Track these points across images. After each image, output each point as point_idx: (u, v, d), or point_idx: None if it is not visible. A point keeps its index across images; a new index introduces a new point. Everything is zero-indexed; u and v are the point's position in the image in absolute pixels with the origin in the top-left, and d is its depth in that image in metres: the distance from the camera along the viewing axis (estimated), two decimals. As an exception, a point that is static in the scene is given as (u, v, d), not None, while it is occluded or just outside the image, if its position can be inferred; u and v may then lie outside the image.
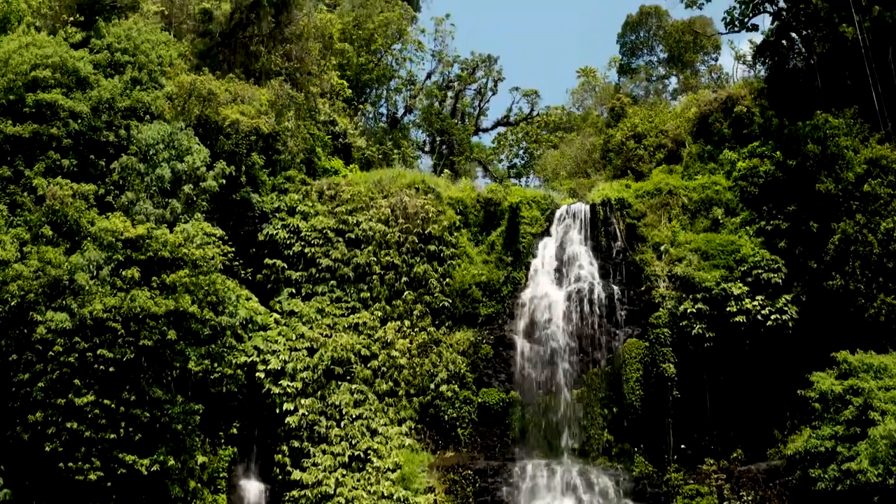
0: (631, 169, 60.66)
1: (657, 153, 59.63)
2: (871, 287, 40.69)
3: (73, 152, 40.81)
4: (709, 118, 55.07)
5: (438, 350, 41.62)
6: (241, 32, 49.05)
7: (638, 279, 43.61)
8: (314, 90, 50.58)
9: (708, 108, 55.89)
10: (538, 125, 77.66)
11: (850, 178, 42.31)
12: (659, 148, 59.74)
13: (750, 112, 52.08)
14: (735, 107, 53.32)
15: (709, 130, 54.92)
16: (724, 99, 55.15)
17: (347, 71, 57.06)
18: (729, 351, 41.40)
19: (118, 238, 36.79)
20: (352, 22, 60.92)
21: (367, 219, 43.90)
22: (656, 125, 61.54)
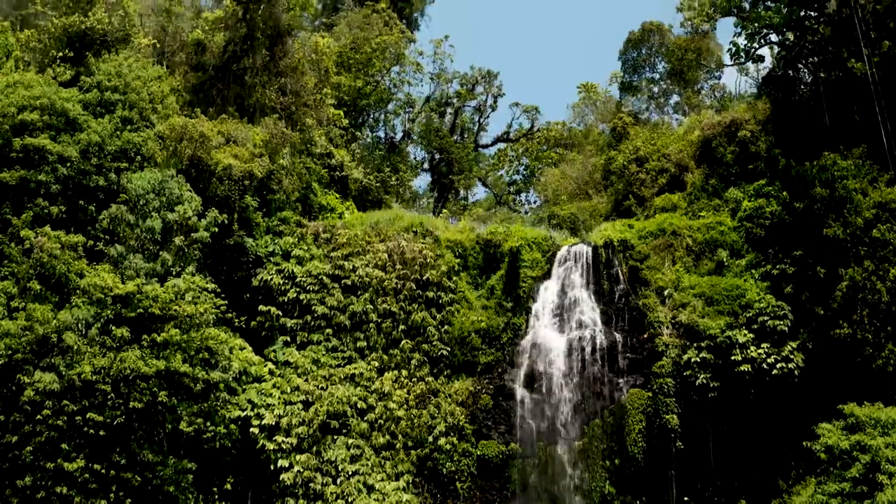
0: (633, 193, 59.97)
1: (660, 178, 58.87)
2: (879, 336, 40.07)
3: (62, 198, 40.47)
4: (712, 142, 54.40)
5: (437, 401, 41.01)
6: (235, 65, 48.43)
7: (641, 325, 42.92)
8: (310, 122, 49.81)
9: (711, 133, 55.17)
10: (538, 141, 76.73)
11: (858, 222, 41.61)
12: (661, 172, 58.95)
13: (754, 136, 51.44)
14: (739, 131, 52.66)
15: (712, 155, 54.24)
16: (727, 123, 54.42)
17: (345, 96, 56.27)
18: (733, 400, 40.82)
19: (107, 294, 36.08)
20: (349, 45, 60.07)
21: (364, 264, 43.22)
22: (658, 148, 60.73)
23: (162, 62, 50.11)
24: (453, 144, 69.44)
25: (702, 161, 55.93)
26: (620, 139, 65.96)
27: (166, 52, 50.54)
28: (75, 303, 36.50)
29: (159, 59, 50.09)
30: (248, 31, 48.24)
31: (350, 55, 59.41)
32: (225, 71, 48.05)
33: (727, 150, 53.29)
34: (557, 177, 69.90)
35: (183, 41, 51.58)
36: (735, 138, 52.93)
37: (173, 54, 50.43)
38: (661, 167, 59.11)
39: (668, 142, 61.27)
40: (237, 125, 44.65)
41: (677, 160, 58.24)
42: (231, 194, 42.25)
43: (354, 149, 57.07)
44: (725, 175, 51.61)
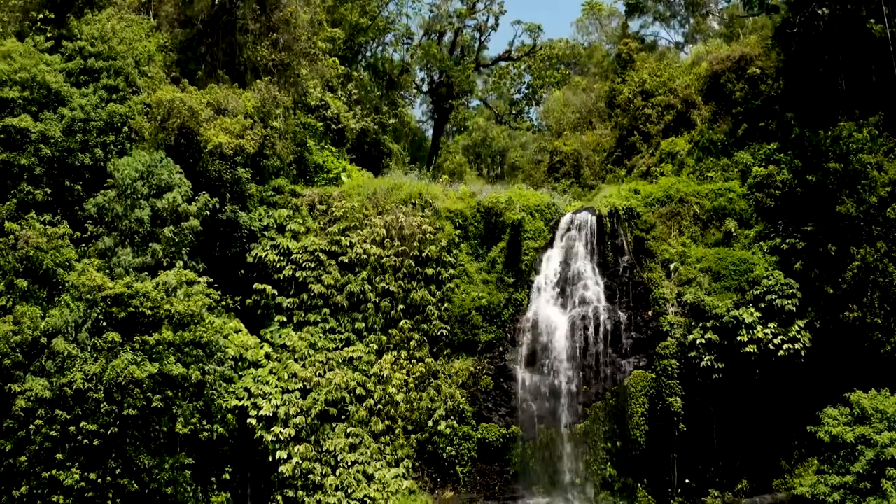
0: (638, 129, 58.63)
1: (666, 114, 57.41)
2: (888, 321, 39.50)
3: (47, 178, 39.15)
4: (720, 78, 52.82)
5: (437, 383, 40.59)
6: (225, 17, 46.01)
7: (646, 301, 42.17)
8: (304, 72, 47.91)
9: (720, 67, 53.69)
10: (541, 59, 74.40)
11: (872, 200, 40.46)
12: (668, 108, 57.47)
13: (764, 74, 49.80)
14: (748, 68, 51.09)
15: (721, 92, 52.86)
16: (737, 58, 52.89)
17: (341, 32, 53.97)
18: (738, 381, 40.38)
19: (97, 295, 35.20)
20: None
21: (361, 240, 42.12)
22: (665, 81, 58.97)
23: (149, 11, 47.84)
24: (453, 68, 67.28)
25: (710, 97, 54.47)
26: (626, 66, 64.04)
27: (152, 9, 48.10)
28: (64, 301, 35.63)
29: (146, 7, 47.79)
30: (238, -19, 45.89)
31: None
32: (214, 26, 45.82)
33: (736, 86, 51.91)
34: (561, 104, 67.96)
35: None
36: (744, 74, 51.37)
37: (159, 8, 47.99)
38: (667, 102, 57.59)
39: (675, 74, 59.51)
40: (227, 92, 42.80)
41: (684, 96, 56.70)
42: (222, 171, 40.81)
43: (350, 89, 55.19)
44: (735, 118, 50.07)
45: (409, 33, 64.50)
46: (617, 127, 61.36)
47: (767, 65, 50.06)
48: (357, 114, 54.58)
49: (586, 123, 65.90)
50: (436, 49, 67.71)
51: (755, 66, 50.79)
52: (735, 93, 52.11)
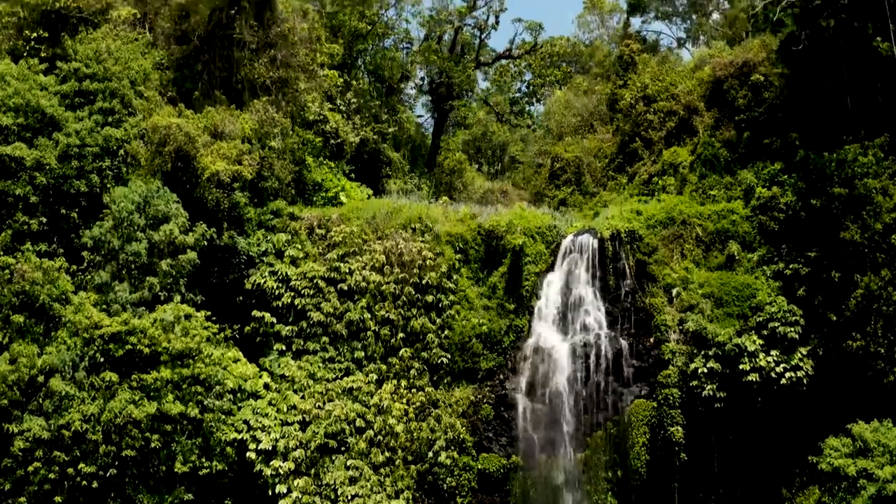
0: (640, 136, 58.26)
1: (668, 121, 56.98)
2: (892, 351, 39.46)
3: (42, 206, 39.00)
4: (723, 84, 52.42)
5: (437, 413, 40.53)
6: (222, 33, 45.49)
7: (647, 327, 42.06)
8: (302, 86, 47.46)
9: (723, 73, 53.34)
10: (542, 56, 73.81)
11: (877, 227, 40.24)
12: (670, 115, 57.06)
13: (767, 81, 49.39)
14: (752, 74, 50.71)
15: (723, 98, 52.54)
16: (740, 63, 52.59)
17: (340, 39, 53.40)
18: (740, 409, 40.48)
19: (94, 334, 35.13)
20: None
21: (361, 266, 41.92)
22: (667, 86, 58.48)
23: (145, 25, 47.35)
24: (453, 68, 66.70)
25: (712, 104, 54.12)
26: (627, 68, 63.56)
27: (148, 23, 47.57)
28: (61, 338, 35.60)
29: (142, 22, 47.28)
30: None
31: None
32: (211, 42, 45.35)
33: (739, 93, 51.65)
34: (562, 105, 67.51)
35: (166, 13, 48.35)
36: (748, 81, 51.02)
37: (156, 14, 47.44)
38: (669, 108, 57.19)
39: (678, 79, 59.03)
40: (224, 115, 42.45)
41: (687, 102, 56.32)
42: (220, 199, 40.53)
43: (350, 98, 54.73)
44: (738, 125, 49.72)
45: (408, 38, 63.97)
46: (618, 132, 60.90)
47: (771, 71, 49.63)
48: (356, 124, 54.18)
49: (587, 126, 65.45)
50: (436, 48, 67.13)
51: (758, 72, 50.42)
52: (738, 99, 51.84)
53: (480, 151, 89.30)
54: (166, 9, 47.31)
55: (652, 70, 60.79)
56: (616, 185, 58.47)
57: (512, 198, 78.57)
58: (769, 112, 49.12)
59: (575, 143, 62.77)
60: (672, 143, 56.58)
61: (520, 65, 74.73)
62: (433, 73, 67.44)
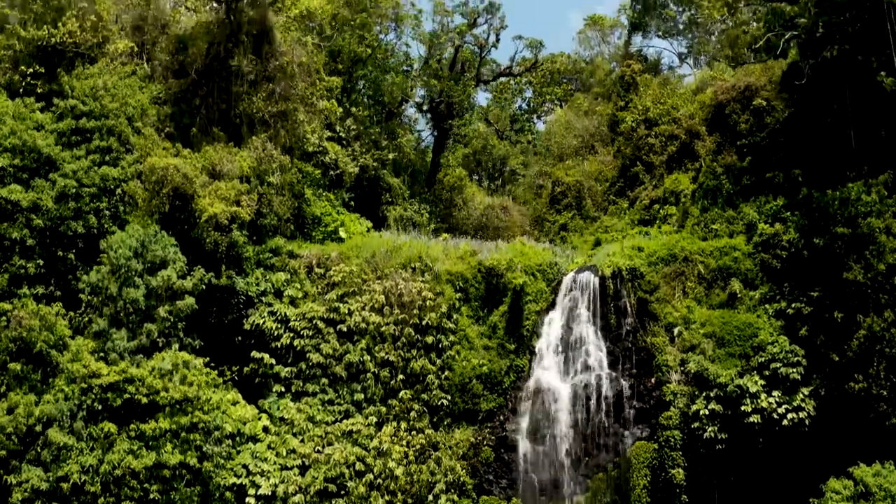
0: (641, 160, 58.33)
1: (669, 145, 57.10)
2: (894, 393, 39.23)
3: (39, 248, 39.06)
4: (725, 108, 52.37)
5: (437, 455, 40.51)
6: (219, 66, 45.37)
7: (648, 367, 42.04)
8: (301, 117, 47.33)
9: (725, 97, 53.38)
10: (542, 73, 73.65)
11: (880, 268, 40.10)
12: (671, 139, 57.20)
13: (770, 106, 49.30)
14: (754, 98, 50.69)
15: (725, 123, 52.52)
16: (742, 87, 52.65)
17: (339, 64, 53.21)
18: (741, 451, 40.44)
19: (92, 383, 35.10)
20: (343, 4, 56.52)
21: (360, 307, 41.89)
22: (668, 109, 58.49)
23: (142, 55, 47.24)
24: (454, 87, 66.56)
25: (714, 128, 54.18)
26: (629, 89, 63.70)
27: (145, 42, 47.45)
28: (58, 386, 35.59)
29: (140, 54, 47.18)
30: (232, 30, 45.11)
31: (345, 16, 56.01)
32: (209, 76, 45.29)
33: (741, 118, 51.73)
34: (562, 126, 67.40)
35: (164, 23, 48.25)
36: (750, 105, 51.01)
37: (154, 44, 47.32)
38: (671, 132, 57.32)
39: (679, 102, 59.07)
40: (222, 153, 42.40)
41: (688, 126, 56.49)
42: (218, 241, 40.47)
43: (349, 124, 54.61)
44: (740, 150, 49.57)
45: (409, 61, 63.76)
46: (620, 155, 60.95)
47: (773, 96, 49.51)
48: (356, 151, 54.14)
49: (588, 148, 65.39)
50: (436, 67, 66.96)
51: (761, 96, 50.43)
52: (740, 124, 51.91)
53: (481, 164, 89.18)
54: (164, 38, 47.26)
55: (653, 93, 60.80)
56: (617, 210, 58.51)
57: (512, 214, 78.66)
58: (771, 137, 49.20)
59: (575, 165, 62.77)
60: (673, 167, 56.69)
61: (520, 82, 74.57)
62: (433, 93, 67.26)
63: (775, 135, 48.89)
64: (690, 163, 55.66)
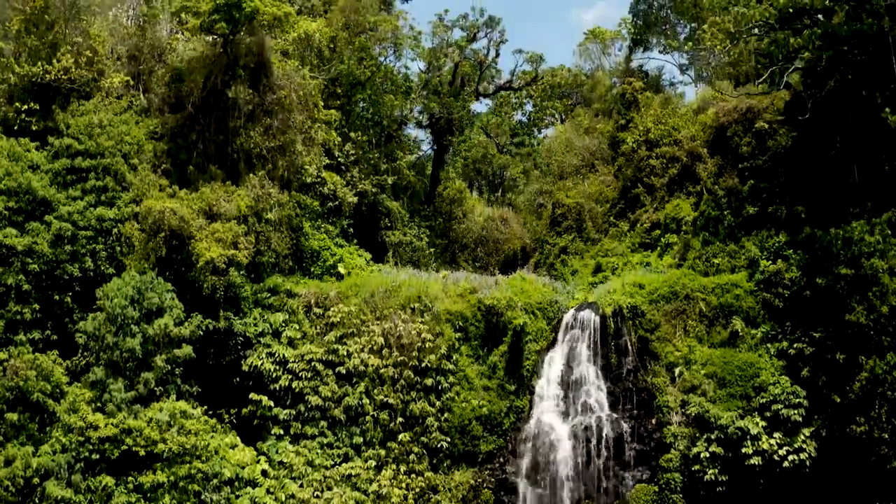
0: (641, 182, 58.16)
1: (671, 167, 56.88)
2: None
3: (35, 292, 38.96)
4: (727, 130, 52.33)
5: (437, 499, 40.52)
6: (216, 100, 45.10)
7: (649, 407, 42.07)
8: (300, 148, 47.08)
9: (726, 119, 53.42)
10: (543, 87, 73.29)
11: (883, 310, 40.00)
12: (672, 161, 57.01)
13: (772, 128, 49.18)
14: (756, 121, 50.56)
15: (727, 145, 52.52)
16: (744, 109, 52.68)
17: (338, 88, 52.85)
18: (741, 492, 40.39)
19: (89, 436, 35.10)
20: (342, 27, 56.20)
21: (359, 349, 41.82)
22: (669, 130, 58.23)
23: (138, 87, 47.00)
24: (453, 104, 66.28)
25: (715, 150, 54.19)
26: (630, 107, 63.49)
27: (141, 72, 47.20)
28: (56, 437, 35.58)
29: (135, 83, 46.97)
30: (229, 62, 44.84)
31: (344, 38, 55.68)
32: (206, 110, 45.04)
33: (743, 140, 51.82)
34: (562, 144, 67.14)
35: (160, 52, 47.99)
36: (752, 128, 51.01)
37: (150, 74, 47.09)
38: (672, 154, 57.15)
39: (680, 123, 58.81)
40: (219, 193, 42.27)
41: (690, 148, 56.36)
42: (216, 285, 40.34)
43: (348, 149, 54.34)
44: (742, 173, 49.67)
45: (408, 84, 63.35)
46: (620, 176, 60.66)
47: (775, 118, 49.30)
48: (354, 177, 53.93)
49: (589, 166, 65.12)
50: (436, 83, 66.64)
51: (763, 119, 50.29)
52: (742, 147, 52.01)
53: (480, 173, 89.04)
54: (160, 68, 46.93)
55: (654, 112, 60.53)
56: (618, 233, 58.36)
57: (512, 225, 78.52)
58: (773, 160, 49.15)
59: (576, 186, 62.53)
60: (674, 189, 56.55)
61: (521, 96, 74.22)
62: (433, 110, 66.94)
63: (777, 158, 48.96)
64: (692, 185, 55.47)
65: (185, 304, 40.38)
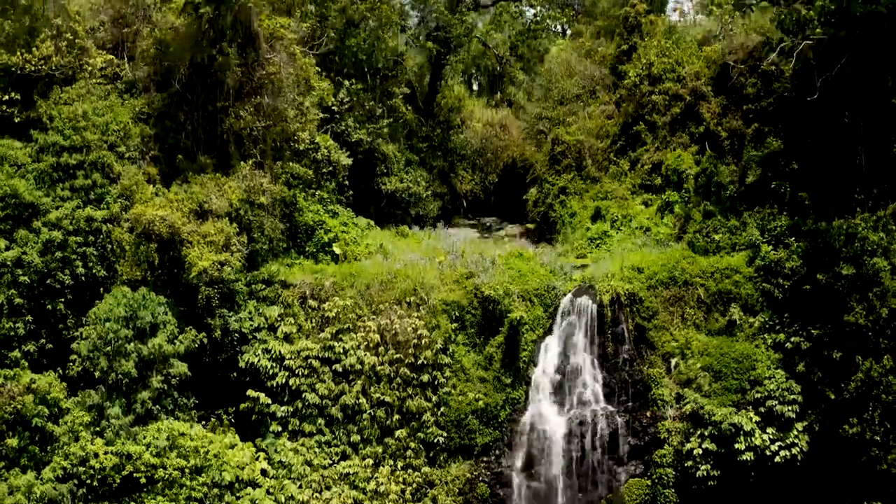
0: (644, 119, 56.75)
1: (674, 106, 55.68)
2: (888, 438, 39.86)
3: (28, 303, 38.87)
4: (732, 69, 51.20)
5: (433, 493, 41.36)
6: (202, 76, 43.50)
7: (644, 399, 42.63)
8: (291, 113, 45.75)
9: (732, 57, 51.93)
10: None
11: (883, 313, 39.97)
12: (675, 99, 55.65)
13: (779, 70, 48.06)
14: (763, 61, 49.25)
15: (731, 86, 51.33)
16: (750, 48, 51.48)
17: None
18: (733, 486, 41.42)
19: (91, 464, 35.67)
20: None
21: (355, 346, 41.89)
22: (673, 65, 56.50)
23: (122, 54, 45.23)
24: (451, 20, 63.87)
25: (719, 90, 53.59)
26: (632, 31, 61.39)
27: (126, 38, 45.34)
28: (57, 462, 36.11)
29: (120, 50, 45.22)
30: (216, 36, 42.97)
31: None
32: (192, 88, 43.47)
33: (748, 80, 51.08)
34: (563, 65, 64.97)
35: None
36: (758, 68, 50.14)
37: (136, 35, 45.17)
38: (675, 92, 55.94)
39: (684, 56, 57.02)
40: (210, 186, 41.33)
41: (693, 86, 54.90)
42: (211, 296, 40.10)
43: (342, 96, 52.80)
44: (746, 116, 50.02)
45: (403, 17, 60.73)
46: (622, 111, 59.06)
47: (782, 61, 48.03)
48: (349, 126, 52.58)
49: (590, 93, 63.32)
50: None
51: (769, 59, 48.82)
52: (747, 87, 51.22)
53: (480, 69, 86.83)
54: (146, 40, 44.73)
55: (658, 43, 58.44)
56: (618, 172, 57.44)
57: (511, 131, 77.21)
58: (778, 104, 48.11)
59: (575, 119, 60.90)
60: (677, 129, 55.52)
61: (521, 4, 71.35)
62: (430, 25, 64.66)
63: (782, 101, 47.94)
64: (695, 125, 54.28)
65: (178, 307, 40.24)
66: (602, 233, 52.59)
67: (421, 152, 64.34)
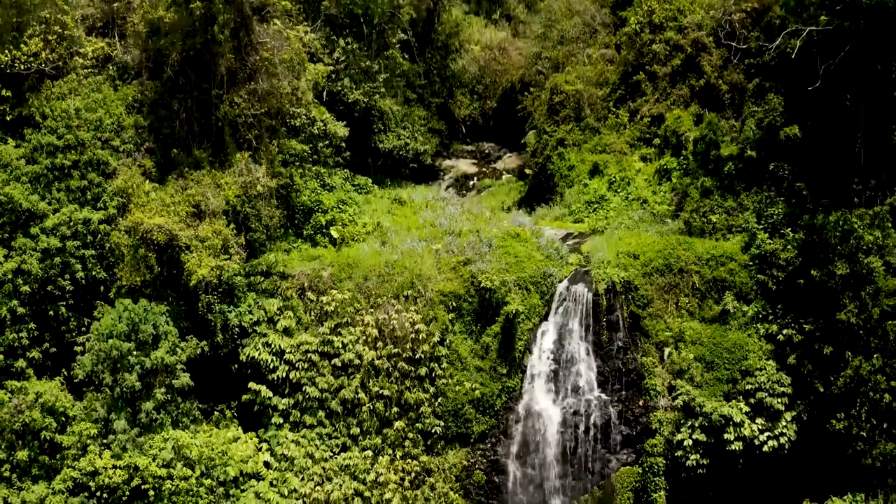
0: (644, 69, 55.98)
1: (674, 56, 55.01)
2: (873, 434, 40.95)
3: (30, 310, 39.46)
4: (734, 21, 50.88)
5: (431, 481, 42.71)
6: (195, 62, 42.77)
7: (638, 388, 43.55)
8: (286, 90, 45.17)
9: (735, 8, 51.19)
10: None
11: (874, 312, 40.48)
12: (676, 49, 54.90)
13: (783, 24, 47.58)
14: (766, 14, 49.25)
15: (733, 37, 51.54)
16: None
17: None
18: (722, 474, 42.83)
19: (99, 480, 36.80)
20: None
21: (354, 340, 42.56)
22: (675, 13, 55.46)
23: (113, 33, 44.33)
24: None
25: (721, 42, 52.45)
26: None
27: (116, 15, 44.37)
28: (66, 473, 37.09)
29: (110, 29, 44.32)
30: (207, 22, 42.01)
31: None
32: (185, 74, 42.80)
33: (751, 33, 50.64)
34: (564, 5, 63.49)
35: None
36: (760, 21, 50.17)
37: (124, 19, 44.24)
38: (676, 42, 55.22)
39: (686, 4, 55.79)
40: (206, 183, 41.12)
41: (695, 37, 54.12)
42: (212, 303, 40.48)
43: (339, 55, 51.90)
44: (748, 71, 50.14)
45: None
46: (621, 58, 58.09)
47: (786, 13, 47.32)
48: (346, 87, 51.83)
49: (591, 32, 62.13)
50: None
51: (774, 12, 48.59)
52: (749, 41, 50.25)
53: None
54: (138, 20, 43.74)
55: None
56: (617, 123, 57.00)
57: (511, 55, 76.07)
58: (780, 59, 47.61)
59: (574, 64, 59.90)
60: (677, 80, 55.06)
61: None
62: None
63: (784, 57, 47.38)
64: (695, 78, 53.76)
65: (179, 308, 40.70)
66: (600, 196, 52.47)
67: (418, 89, 63.66)
